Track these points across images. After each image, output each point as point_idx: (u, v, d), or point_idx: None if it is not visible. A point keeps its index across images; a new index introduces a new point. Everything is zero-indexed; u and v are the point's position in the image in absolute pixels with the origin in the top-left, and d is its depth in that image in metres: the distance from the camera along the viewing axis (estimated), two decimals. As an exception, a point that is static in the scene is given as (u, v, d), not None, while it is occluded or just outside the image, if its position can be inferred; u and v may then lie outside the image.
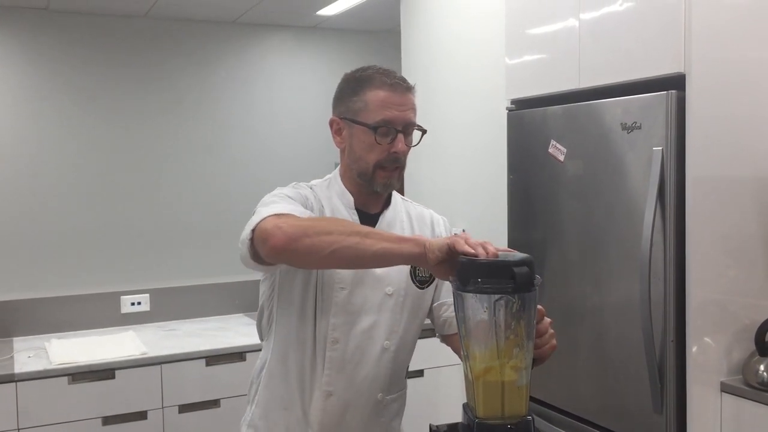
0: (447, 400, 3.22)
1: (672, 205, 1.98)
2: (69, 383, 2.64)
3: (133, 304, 3.38)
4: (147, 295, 3.40)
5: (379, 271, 1.52)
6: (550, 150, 2.39)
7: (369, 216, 1.57)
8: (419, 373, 3.18)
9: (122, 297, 3.37)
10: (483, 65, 3.22)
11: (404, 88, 1.53)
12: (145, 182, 3.67)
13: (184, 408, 2.80)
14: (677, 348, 2.00)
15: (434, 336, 1.65)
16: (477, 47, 3.27)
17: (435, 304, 1.63)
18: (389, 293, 1.53)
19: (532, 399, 1.25)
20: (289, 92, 4.66)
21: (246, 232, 1.36)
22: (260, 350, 1.61)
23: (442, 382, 3.21)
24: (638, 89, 2.08)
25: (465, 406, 1.25)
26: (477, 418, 1.18)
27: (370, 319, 1.51)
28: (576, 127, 2.31)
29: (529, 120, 2.52)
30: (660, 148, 1.99)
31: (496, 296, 1.13)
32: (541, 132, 2.44)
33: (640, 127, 2.06)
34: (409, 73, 3.91)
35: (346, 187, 1.57)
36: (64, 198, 3.45)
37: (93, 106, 3.60)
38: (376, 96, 1.50)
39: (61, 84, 3.55)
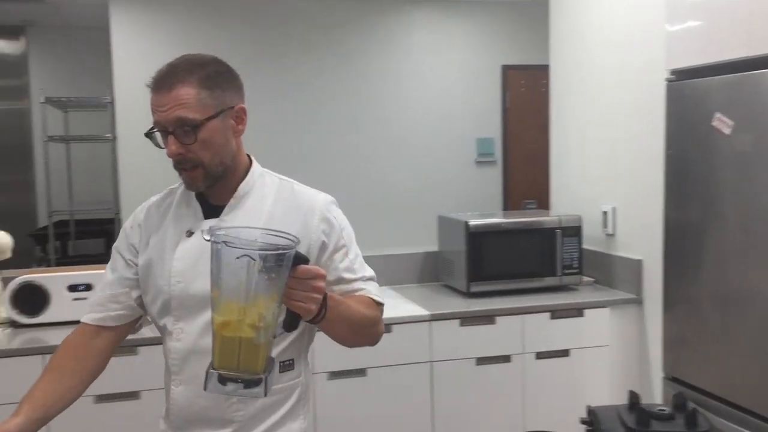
0: (593, 381, 3.14)
1: None
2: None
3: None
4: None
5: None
6: (714, 123, 2.24)
7: (217, 207, 1.53)
8: (564, 353, 3.12)
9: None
10: (638, 35, 3.07)
11: (166, 85, 1.41)
12: (293, 155, 3.80)
13: (333, 375, 2.91)
14: None
15: (579, 316, 1.59)
16: (632, 15, 3.12)
17: None
18: None
19: (692, 387, 1.20)
20: (436, 67, 4.66)
21: None
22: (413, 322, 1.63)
23: (588, 362, 3.13)
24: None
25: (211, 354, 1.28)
26: (213, 368, 1.23)
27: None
28: (744, 99, 2.15)
29: (691, 91, 2.37)
30: (844, 120, 1.81)
31: (241, 253, 1.16)
32: (703, 104, 2.30)
33: (820, 98, 1.88)
34: (557, 43, 3.79)
35: None
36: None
37: (253, 83, 3.78)
38: (151, 99, 1.45)
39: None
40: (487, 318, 3.07)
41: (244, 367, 1.22)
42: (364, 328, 1.54)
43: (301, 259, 1.23)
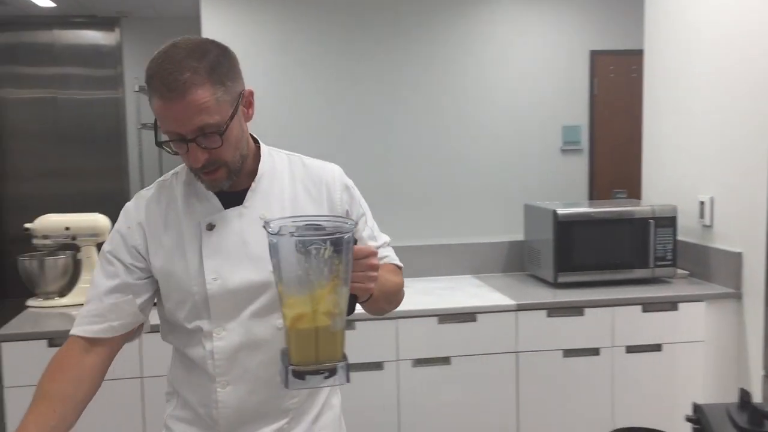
0: (687, 377, 3.03)
1: None
2: (314, 331, 2.85)
3: (368, 260, 3.55)
4: (382, 252, 3.56)
5: (256, 253, 1.39)
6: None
7: (235, 195, 1.43)
8: (657, 348, 3.01)
9: (359, 253, 3.56)
10: (747, 13, 2.91)
11: (177, 90, 1.25)
12: (379, 143, 3.81)
13: (417, 362, 2.91)
14: None
15: (672, 310, 1.52)
16: (737, -5, 2.96)
17: None
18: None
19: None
20: (521, 52, 4.57)
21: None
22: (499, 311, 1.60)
23: (681, 357, 3.02)
24: None
25: (282, 352, 1.22)
26: (291, 364, 1.17)
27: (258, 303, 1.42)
28: None
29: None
30: None
31: (308, 243, 1.12)
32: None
33: None
34: (652, 26, 3.65)
35: None
36: (313, 154, 3.71)
37: (339, 72, 3.80)
38: (155, 105, 1.29)
39: (315, 49, 3.78)
40: (576, 309, 2.99)
41: (323, 357, 1.18)
42: (395, 296, 1.55)
43: (353, 240, 1.21)
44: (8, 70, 7.15)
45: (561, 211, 3.21)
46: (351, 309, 1.25)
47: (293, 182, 1.48)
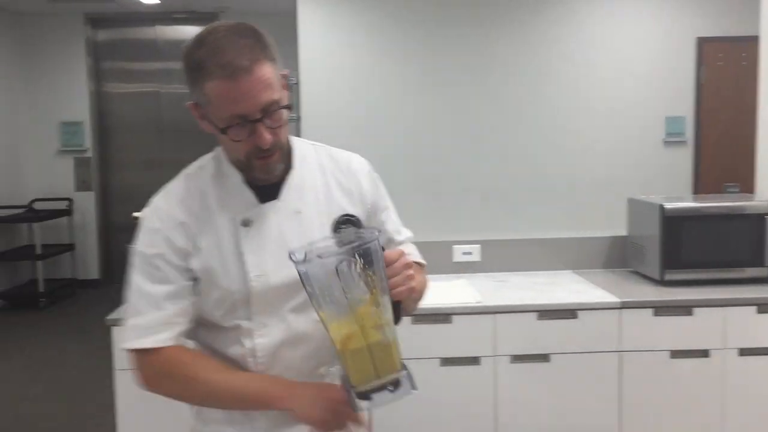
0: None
1: None
2: (411, 323, 2.83)
3: (464, 253, 3.50)
4: (478, 245, 3.50)
5: (294, 246, 1.30)
6: None
7: (268, 189, 1.38)
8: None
9: (454, 246, 3.52)
10: None
11: (243, 68, 1.20)
12: (482, 138, 3.76)
13: (515, 358, 2.84)
14: None
15: None
16: None
17: None
18: None
19: None
20: (622, 40, 4.41)
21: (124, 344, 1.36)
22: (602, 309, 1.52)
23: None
24: None
25: (341, 378, 1.18)
26: (353, 387, 1.13)
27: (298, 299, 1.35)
28: None
29: None
30: None
31: (337, 261, 1.07)
32: None
33: None
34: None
35: (233, 164, 1.38)
36: (402, 149, 3.69)
37: (451, 65, 3.77)
38: (215, 89, 1.23)
39: (423, 42, 3.76)
40: (684, 309, 2.85)
41: (383, 371, 1.15)
42: (422, 294, 1.49)
43: (381, 246, 1.18)
44: (113, 66, 7.48)
45: (668, 205, 3.06)
46: (397, 315, 1.21)
47: (323, 174, 1.43)
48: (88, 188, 7.60)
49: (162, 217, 1.38)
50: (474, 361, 2.84)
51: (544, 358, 2.85)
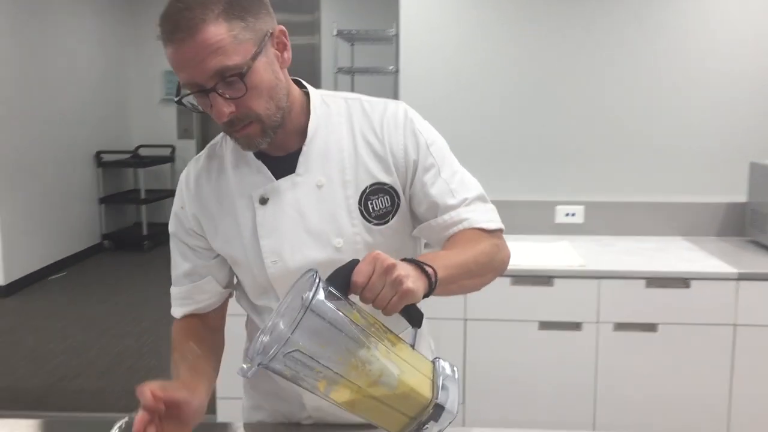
0: None
1: None
2: (510, 285, 2.75)
3: (567, 215, 3.37)
4: (581, 207, 3.36)
5: (317, 227, 1.23)
6: None
7: (285, 160, 1.24)
8: None
9: (557, 207, 3.38)
10: None
11: (184, 30, 1.05)
12: (586, 93, 3.59)
13: (619, 326, 2.72)
14: None
15: None
16: None
17: (423, 224, 1.29)
18: (338, 246, 1.23)
19: None
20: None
21: None
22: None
23: None
24: None
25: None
26: None
27: None
28: None
29: None
30: None
31: (281, 353, 0.90)
32: None
33: None
34: None
35: None
36: (504, 106, 3.55)
37: (532, 15, 3.60)
38: (168, 52, 1.09)
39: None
40: (810, 283, 2.64)
41: (412, 412, 0.97)
42: (483, 268, 1.20)
43: (342, 273, 0.95)
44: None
45: (798, 171, 2.83)
46: (415, 319, 1.00)
47: (352, 136, 1.26)
48: (190, 136, 7.82)
49: (179, 194, 1.33)
50: (575, 326, 2.74)
51: (651, 327, 2.72)
